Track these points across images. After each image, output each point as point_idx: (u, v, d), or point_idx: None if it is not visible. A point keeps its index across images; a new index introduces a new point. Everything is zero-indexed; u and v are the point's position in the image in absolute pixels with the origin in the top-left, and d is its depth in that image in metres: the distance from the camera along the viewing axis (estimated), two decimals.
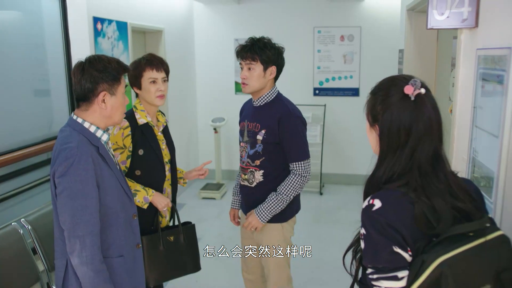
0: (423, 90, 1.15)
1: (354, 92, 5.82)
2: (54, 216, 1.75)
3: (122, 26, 3.93)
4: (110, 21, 3.73)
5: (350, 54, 5.74)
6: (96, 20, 3.51)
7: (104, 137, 1.76)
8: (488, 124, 1.45)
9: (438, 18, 1.61)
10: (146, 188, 2.17)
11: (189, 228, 2.36)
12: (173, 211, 2.40)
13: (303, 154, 2.28)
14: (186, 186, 5.80)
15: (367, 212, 1.15)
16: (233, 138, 6.07)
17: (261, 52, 2.21)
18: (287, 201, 2.30)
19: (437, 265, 1.01)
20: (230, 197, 5.33)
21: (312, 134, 5.63)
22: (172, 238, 2.26)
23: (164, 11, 5.01)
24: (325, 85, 5.87)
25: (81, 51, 3.43)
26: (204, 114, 6.17)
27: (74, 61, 3.39)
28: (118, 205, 1.77)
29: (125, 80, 1.81)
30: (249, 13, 5.84)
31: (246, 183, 2.39)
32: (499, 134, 1.35)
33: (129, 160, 2.17)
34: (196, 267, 2.35)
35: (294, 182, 2.28)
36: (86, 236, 1.62)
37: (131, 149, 2.16)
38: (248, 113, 2.40)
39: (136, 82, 2.21)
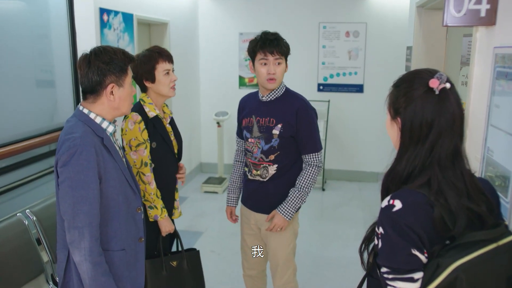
0: (448, 85, 1.13)
1: (359, 88, 5.81)
2: (57, 207, 1.74)
3: (128, 18, 3.91)
4: (116, 13, 3.70)
5: (355, 50, 5.72)
6: (102, 11, 3.49)
7: (110, 129, 1.75)
8: (505, 123, 1.44)
9: (455, 16, 1.59)
10: (163, 210, 2.23)
11: (193, 255, 2.37)
12: (176, 236, 2.40)
13: (319, 145, 2.35)
14: (189, 180, 5.80)
15: (387, 212, 1.13)
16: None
17: (286, 46, 2.25)
18: (308, 194, 2.35)
19: (452, 270, 1.01)
20: None
21: None
22: (175, 263, 2.28)
23: (170, 3, 4.98)
24: (330, 81, 5.85)
25: (87, 42, 3.40)
26: (207, 108, 6.15)
27: (80, 52, 3.39)
28: (121, 197, 1.75)
29: (131, 71, 1.79)
30: (254, 7, 5.81)
31: (258, 178, 2.38)
32: None
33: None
34: None
35: (312, 174, 2.33)
36: (85, 227, 1.61)
37: (148, 141, 2.17)
38: (255, 108, 2.36)
39: (149, 75, 2.19)
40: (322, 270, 3.66)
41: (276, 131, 2.28)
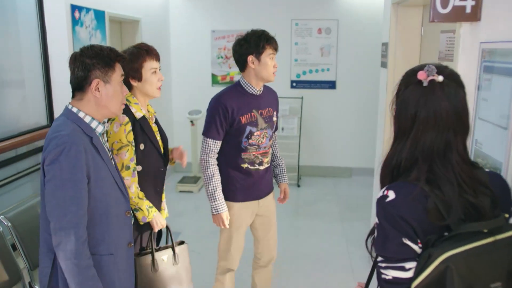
0: (440, 78, 1.12)
1: (331, 84, 5.88)
2: (41, 208, 1.69)
3: (99, 15, 3.80)
4: (87, 10, 3.59)
5: (327, 47, 5.78)
6: (74, 8, 3.38)
7: (99, 129, 1.71)
8: (494, 116, 1.48)
9: (441, 12, 1.63)
10: (150, 210, 2.15)
11: (182, 248, 2.34)
12: (167, 230, 2.36)
13: None
14: None
15: (380, 202, 1.15)
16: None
17: None
18: None
19: (442, 260, 1.02)
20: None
21: (290, 127, 5.65)
22: (165, 258, 2.24)
23: (142, 0, 4.88)
24: (302, 78, 5.89)
25: (58, 40, 3.29)
26: (180, 106, 6.07)
27: (50, 50, 3.29)
28: (109, 199, 1.71)
29: (121, 69, 1.74)
30: (226, 5, 5.77)
31: (265, 165, 2.56)
32: (508, 126, 1.38)
33: (135, 155, 2.11)
34: (189, 286, 2.32)
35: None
36: (71, 228, 1.55)
37: (134, 144, 2.10)
38: (253, 102, 2.45)
39: (136, 74, 2.12)
40: (303, 266, 3.68)
41: (275, 118, 2.58)
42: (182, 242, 2.37)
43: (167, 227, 2.31)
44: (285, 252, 3.74)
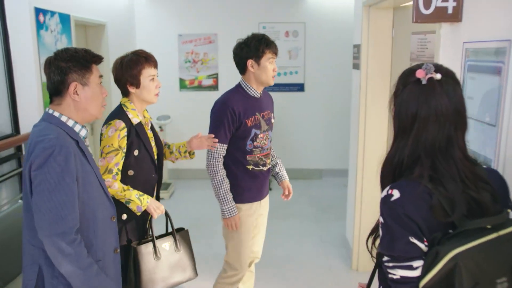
0: (438, 76, 1.14)
1: (299, 87, 5.92)
2: (24, 218, 1.62)
3: (65, 19, 3.66)
4: (52, 13, 3.45)
5: (295, 50, 5.83)
6: (38, 11, 3.23)
7: (83, 132, 1.67)
8: (481, 114, 1.52)
9: (424, 13, 1.66)
10: (141, 198, 2.09)
11: (182, 234, 2.31)
12: (167, 217, 2.32)
13: None
14: None
15: (385, 201, 1.15)
16: (179, 136, 5.92)
17: None
18: None
19: (450, 258, 1.03)
20: (178, 196, 5.25)
21: None
22: (167, 245, 2.22)
23: (107, 4, 4.75)
24: None
25: (22, 45, 3.14)
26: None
27: (14, 56, 3.13)
28: (96, 203, 1.67)
29: (99, 70, 1.71)
30: (193, 8, 5.71)
31: (268, 166, 2.63)
32: (496, 123, 1.42)
33: (122, 161, 2.07)
34: (193, 273, 2.31)
35: None
36: (65, 234, 1.51)
37: (125, 150, 2.06)
38: (255, 106, 2.50)
39: (134, 81, 2.11)
40: (281, 269, 3.68)
41: (273, 120, 2.67)
42: (181, 229, 2.34)
43: (166, 213, 2.27)
44: (262, 255, 3.71)
